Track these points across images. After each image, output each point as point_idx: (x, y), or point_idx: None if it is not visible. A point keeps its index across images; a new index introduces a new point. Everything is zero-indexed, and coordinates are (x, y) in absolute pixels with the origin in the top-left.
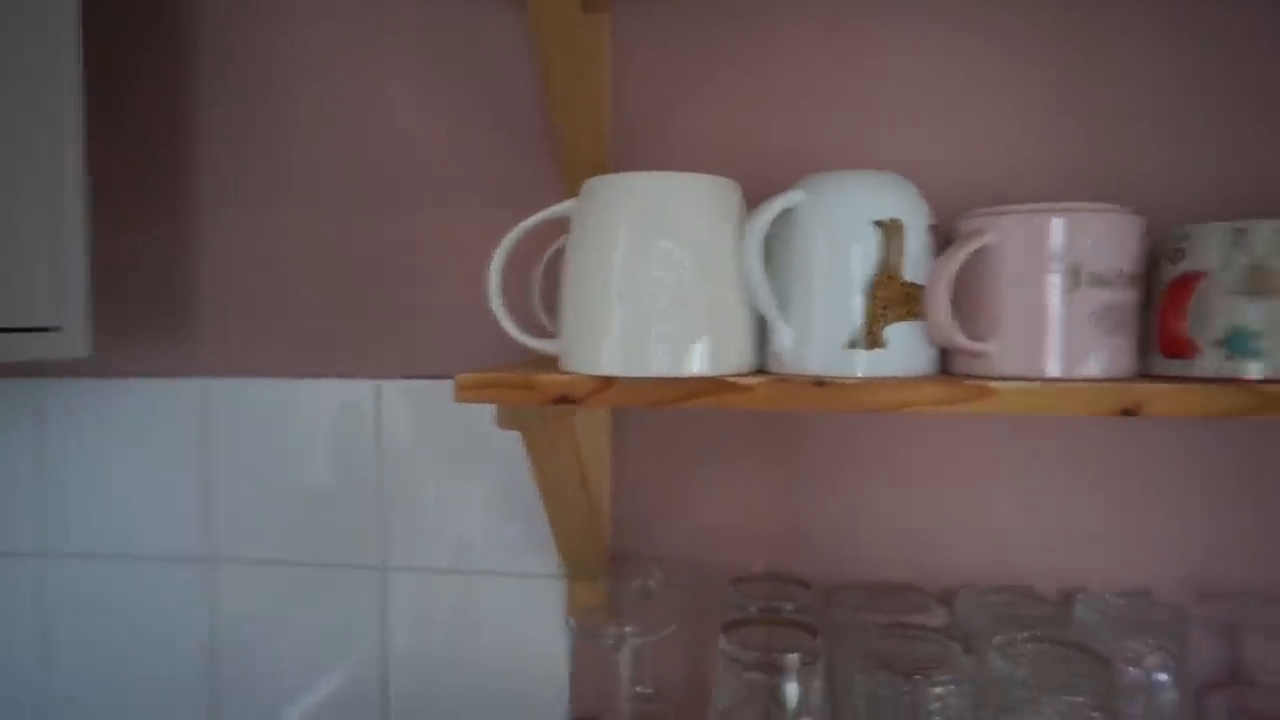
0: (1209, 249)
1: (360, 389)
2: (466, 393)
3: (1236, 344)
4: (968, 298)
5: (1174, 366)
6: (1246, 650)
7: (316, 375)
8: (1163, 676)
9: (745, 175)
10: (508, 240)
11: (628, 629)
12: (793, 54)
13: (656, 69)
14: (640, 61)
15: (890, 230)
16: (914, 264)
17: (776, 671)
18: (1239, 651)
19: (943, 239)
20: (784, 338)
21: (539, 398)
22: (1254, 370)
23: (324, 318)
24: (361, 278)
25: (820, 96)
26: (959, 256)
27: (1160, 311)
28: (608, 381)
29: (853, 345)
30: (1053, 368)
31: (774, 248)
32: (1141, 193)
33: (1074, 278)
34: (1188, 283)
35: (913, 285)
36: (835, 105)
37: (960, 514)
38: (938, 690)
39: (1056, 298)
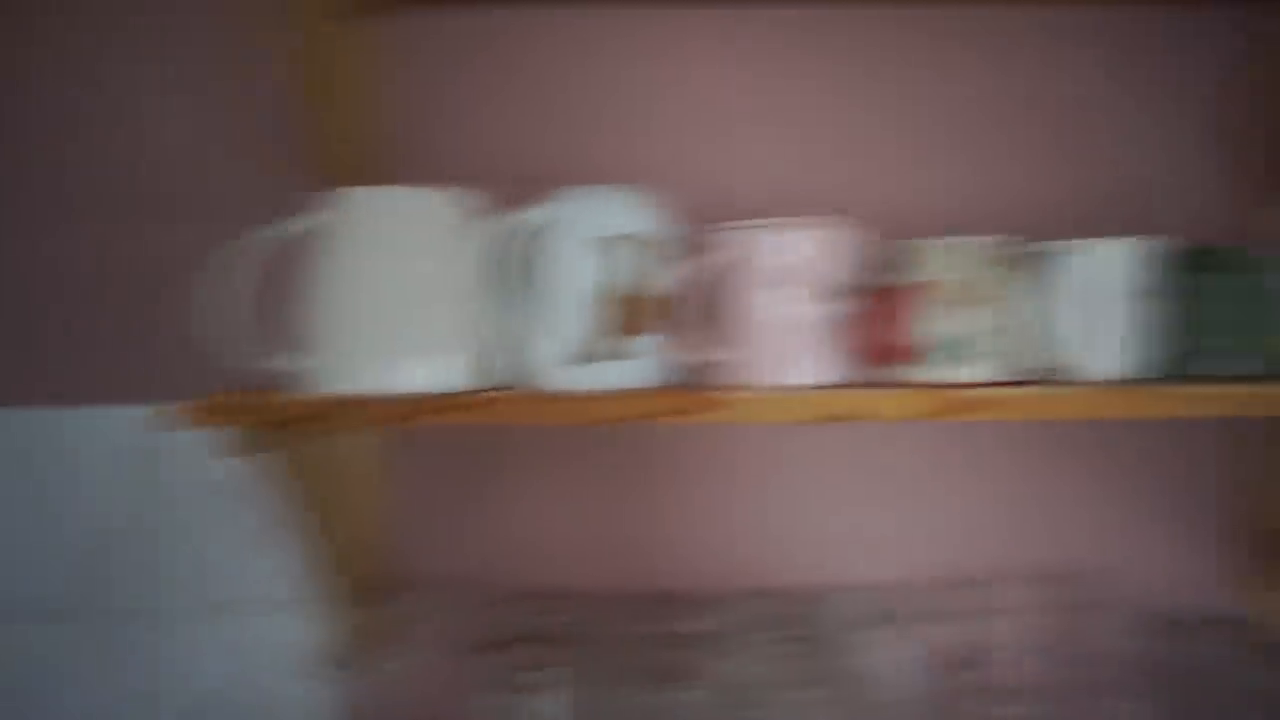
0: (927, 262)
1: (121, 418)
2: (199, 417)
3: (950, 351)
4: (714, 309)
5: (895, 373)
6: (986, 632)
7: (76, 404)
8: (908, 662)
9: (513, 190)
10: (239, 255)
11: (394, 655)
12: (561, 69)
13: (423, 82)
14: (406, 74)
15: (631, 245)
16: (660, 278)
17: (528, 690)
18: (979, 634)
19: (696, 252)
20: (529, 351)
21: (271, 420)
22: (966, 374)
23: (84, 341)
24: (122, 297)
25: (587, 112)
26: (699, 270)
27: (882, 321)
28: (346, 400)
29: (592, 358)
30: (787, 376)
31: (527, 263)
32: (879, 207)
33: (807, 290)
34: (907, 294)
35: (658, 298)
36: (602, 120)
37: (737, 520)
38: (685, 696)
39: (791, 308)
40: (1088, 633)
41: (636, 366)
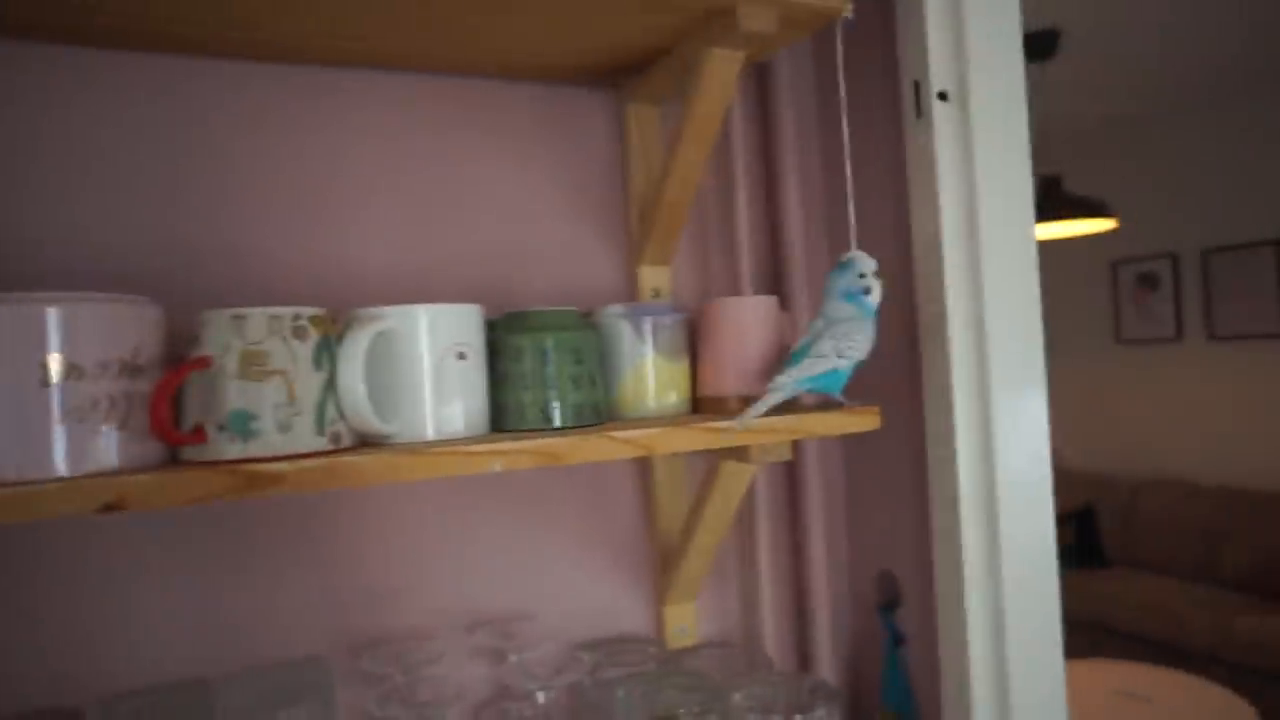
0: (215, 335)
1: None
2: None
3: (237, 426)
4: None
5: (189, 452)
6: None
7: None
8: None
9: None
10: None
11: None
12: None
13: None
14: None
15: None
16: None
17: None
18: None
19: None
20: None
21: None
22: (252, 450)
23: None
24: None
25: None
26: None
27: (153, 399)
28: None
29: None
30: (37, 468)
31: None
32: (185, 278)
33: (55, 370)
34: (181, 370)
35: None
36: None
37: (90, 617)
38: None
39: (33, 393)
40: (520, 672)
41: None
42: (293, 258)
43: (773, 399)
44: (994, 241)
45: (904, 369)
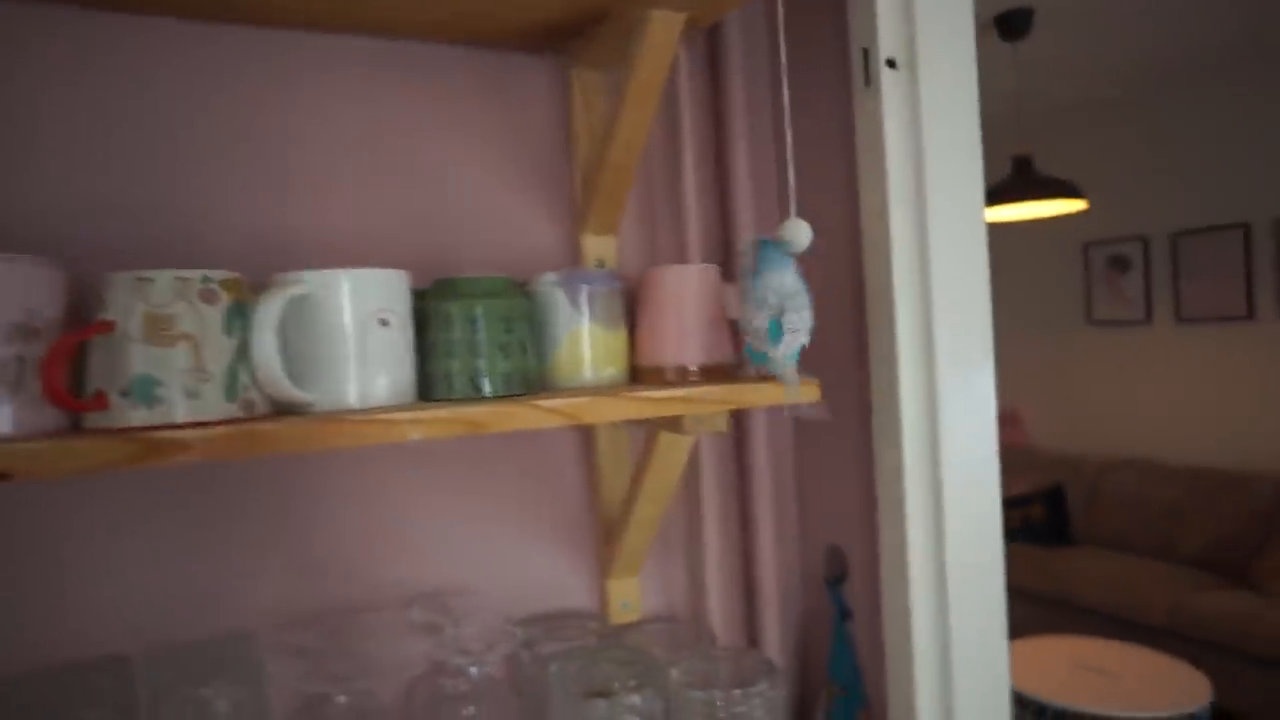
0: (118, 298)
1: None
2: None
3: (141, 392)
4: None
5: (91, 419)
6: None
7: None
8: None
9: None
10: None
11: None
12: None
13: None
14: None
15: None
16: None
17: None
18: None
19: None
20: None
21: None
22: (156, 417)
23: None
24: None
25: None
26: None
27: (44, 363)
28: None
29: None
30: None
31: None
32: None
33: None
34: (78, 333)
35: None
36: None
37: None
38: None
39: None
40: (453, 647)
41: None
42: (224, 223)
43: (787, 373)
44: (942, 212)
45: (853, 340)
